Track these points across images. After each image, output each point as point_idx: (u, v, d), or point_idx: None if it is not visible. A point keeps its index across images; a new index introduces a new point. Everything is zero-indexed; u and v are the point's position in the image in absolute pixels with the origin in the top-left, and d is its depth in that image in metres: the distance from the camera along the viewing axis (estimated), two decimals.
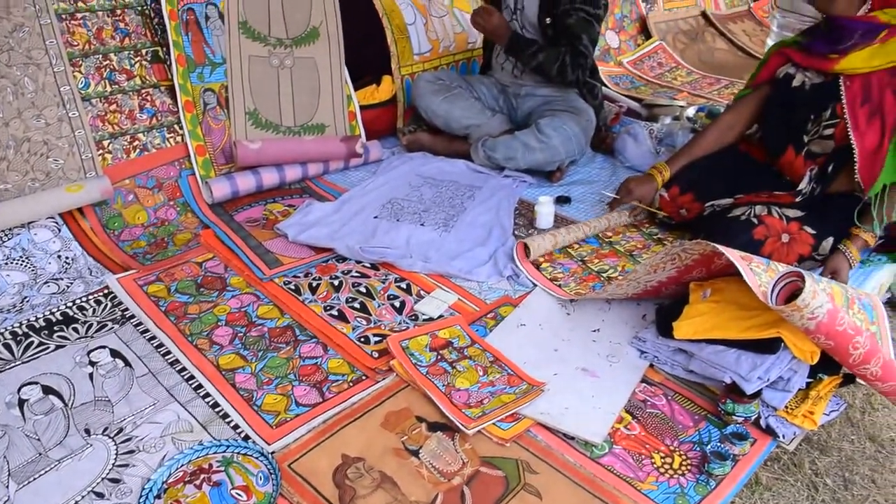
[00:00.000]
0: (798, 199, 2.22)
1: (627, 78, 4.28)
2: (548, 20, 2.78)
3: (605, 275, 2.24)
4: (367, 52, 3.13)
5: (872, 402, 2.13)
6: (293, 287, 2.14)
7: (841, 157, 2.19)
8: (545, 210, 2.47)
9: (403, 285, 2.16)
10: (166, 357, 1.86)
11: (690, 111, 3.37)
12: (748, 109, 2.48)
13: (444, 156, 3.00)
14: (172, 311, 2.02)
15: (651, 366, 1.88)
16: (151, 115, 2.55)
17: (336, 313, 2.03)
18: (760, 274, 1.68)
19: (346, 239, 2.31)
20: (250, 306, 2.06)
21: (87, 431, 1.63)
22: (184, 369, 1.82)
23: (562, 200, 2.69)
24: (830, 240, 2.17)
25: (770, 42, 4.27)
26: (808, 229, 2.15)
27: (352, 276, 2.19)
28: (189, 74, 2.61)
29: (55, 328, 1.93)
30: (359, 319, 2.01)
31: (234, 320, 2.00)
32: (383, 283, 2.17)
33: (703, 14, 5.25)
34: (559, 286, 2.16)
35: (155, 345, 1.90)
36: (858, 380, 1.78)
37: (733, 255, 1.67)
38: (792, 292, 1.61)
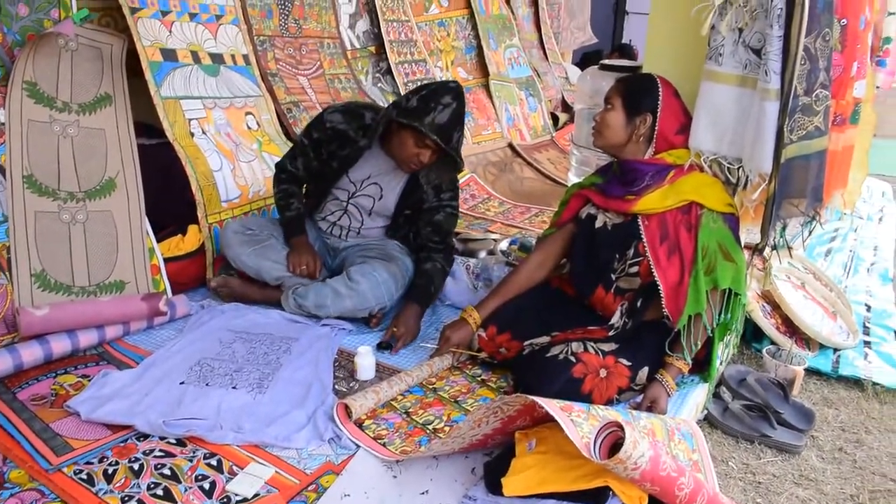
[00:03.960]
0: (611, 334, 2.26)
1: None
2: (407, 212, 2.88)
3: (430, 426, 2.15)
4: (169, 201, 2.98)
5: None
6: (85, 477, 1.87)
7: (648, 291, 2.26)
8: (365, 362, 2.37)
9: (214, 461, 1.95)
10: None
11: (504, 244, 3.44)
12: (555, 247, 2.55)
13: (257, 303, 2.85)
14: None
15: None
16: None
17: None
18: (582, 424, 1.66)
19: (147, 413, 2.08)
20: None
21: None
22: None
23: (383, 347, 2.60)
24: (646, 369, 2.22)
25: (572, 176, 4.52)
26: (624, 361, 2.19)
27: (154, 457, 1.96)
28: None
29: None
30: None
31: None
32: (191, 461, 1.95)
33: (510, 145, 5.54)
34: (384, 445, 2.04)
35: None
36: None
37: (552, 407, 1.64)
38: (615, 441, 1.60)
